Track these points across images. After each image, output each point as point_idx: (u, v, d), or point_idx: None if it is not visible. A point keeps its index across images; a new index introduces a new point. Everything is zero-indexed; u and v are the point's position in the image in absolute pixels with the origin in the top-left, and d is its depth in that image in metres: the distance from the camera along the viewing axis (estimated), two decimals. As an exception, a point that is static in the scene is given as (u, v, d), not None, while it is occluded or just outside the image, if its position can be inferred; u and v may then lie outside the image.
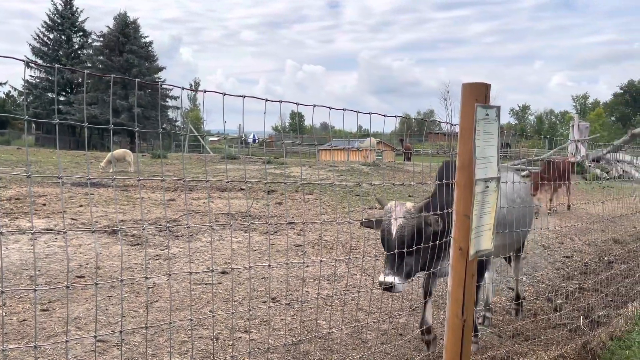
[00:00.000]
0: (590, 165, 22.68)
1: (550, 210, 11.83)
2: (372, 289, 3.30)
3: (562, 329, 4.67)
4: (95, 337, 2.07)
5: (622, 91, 76.73)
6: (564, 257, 7.68)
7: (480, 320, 4.49)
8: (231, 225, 2.61)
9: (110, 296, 4.80)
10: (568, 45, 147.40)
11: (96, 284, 2.05)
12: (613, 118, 75.77)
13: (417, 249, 3.17)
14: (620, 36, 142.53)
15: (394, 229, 3.22)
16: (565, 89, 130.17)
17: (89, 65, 51.48)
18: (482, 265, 3.71)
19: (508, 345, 4.15)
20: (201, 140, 37.94)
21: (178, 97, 53.60)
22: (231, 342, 3.90)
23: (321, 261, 2.84)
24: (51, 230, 7.43)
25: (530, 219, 4.58)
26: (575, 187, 13.41)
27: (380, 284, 3.12)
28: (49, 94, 51.65)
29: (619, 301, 5.28)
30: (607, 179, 19.94)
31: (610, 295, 5.57)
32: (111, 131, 2.00)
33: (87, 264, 5.82)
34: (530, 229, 4.65)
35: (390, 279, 3.11)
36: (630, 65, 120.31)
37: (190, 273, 2.31)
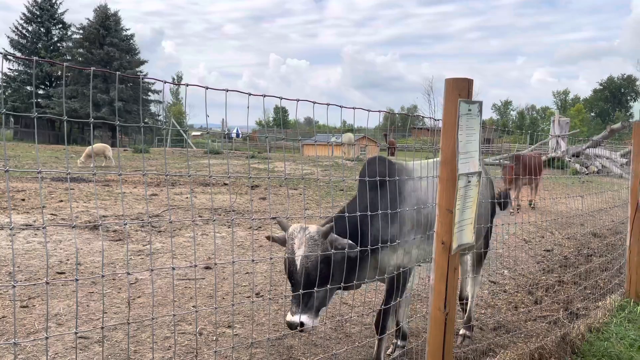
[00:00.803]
0: (570, 160, 23.01)
1: (514, 209, 10.91)
2: (355, 283, 3.30)
3: (542, 321, 4.75)
4: (76, 333, 2.04)
5: (601, 87, 77.96)
6: (545, 250, 7.80)
7: (390, 350, 3.78)
8: (214, 221, 2.60)
9: (92, 292, 4.75)
10: (549, 41, 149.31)
11: (77, 279, 2.02)
12: (593, 114, 76.94)
13: (329, 277, 2.81)
14: (600, 33, 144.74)
15: (297, 261, 2.76)
16: (546, 84, 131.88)
17: (68, 58, 50.61)
18: (404, 278, 3.27)
19: (489, 338, 4.21)
20: (184, 134, 37.64)
21: (160, 91, 53.14)
22: (215, 338, 3.89)
23: (306, 256, 2.84)
24: (30, 225, 7.31)
25: (487, 218, 3.95)
26: (542, 183, 12.68)
27: (289, 325, 2.76)
28: (28, 87, 50.69)
29: (598, 294, 5.38)
30: (587, 174, 20.27)
31: (589, 288, 5.67)
32: (91, 125, 1.97)
33: (68, 259, 5.75)
34: (487, 227, 4.03)
35: (297, 318, 2.72)
36: (609, 62, 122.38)
37: (173, 268, 2.29)
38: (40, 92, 51.85)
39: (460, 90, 2.61)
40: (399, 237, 3.15)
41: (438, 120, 2.81)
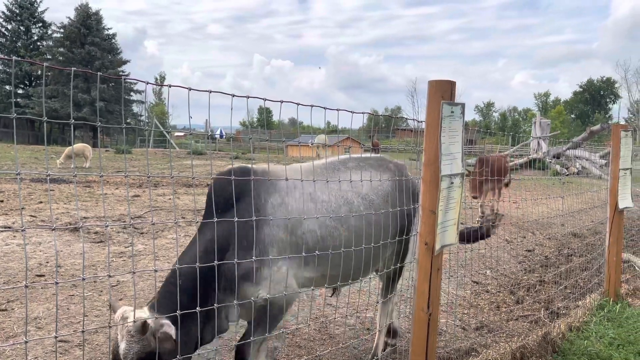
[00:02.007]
0: (551, 162, 23.34)
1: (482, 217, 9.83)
2: (339, 284, 3.31)
3: (524, 320, 4.80)
4: (56, 337, 2.01)
5: (581, 89, 79.20)
6: (526, 250, 7.89)
7: (382, 348, 3.66)
8: (197, 222, 2.57)
9: (72, 295, 4.68)
10: (530, 44, 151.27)
11: (57, 282, 1.99)
12: (573, 115, 78.12)
13: None
14: (579, 36, 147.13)
15: (121, 354, 2.33)
16: (528, 86, 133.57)
17: (48, 57, 49.91)
18: (278, 309, 2.76)
19: (472, 338, 4.24)
20: (167, 135, 37.34)
21: (142, 91, 52.67)
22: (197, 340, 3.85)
23: (289, 257, 2.83)
24: (9, 227, 7.18)
25: (395, 230, 3.29)
26: (506, 188, 11.02)
27: None
28: (7, 87, 49.86)
29: (578, 293, 5.46)
30: (567, 175, 20.57)
31: (569, 288, 5.75)
32: (72, 126, 1.94)
33: (48, 262, 5.66)
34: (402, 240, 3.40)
35: None
36: (589, 64, 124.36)
37: (155, 270, 2.27)
38: (20, 91, 51.02)
39: (443, 92, 2.63)
40: (263, 269, 2.65)
41: (421, 121, 2.83)
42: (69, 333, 3.79)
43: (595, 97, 77.51)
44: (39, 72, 48.87)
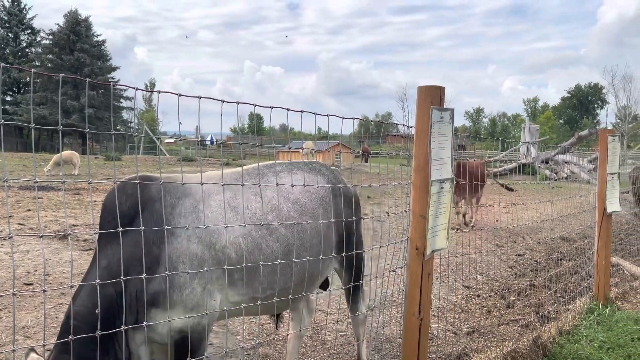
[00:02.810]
0: (540, 166, 23.52)
1: (466, 224, 9.63)
2: (330, 290, 3.30)
3: (515, 325, 4.82)
4: (44, 345, 1.99)
5: (569, 95, 79.95)
6: (516, 255, 7.94)
7: None
8: (187, 228, 2.53)
9: (61, 304, 4.63)
10: (519, 50, 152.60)
11: (45, 290, 1.97)
12: (561, 121, 78.80)
13: None
14: (567, 42, 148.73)
15: None
16: (517, 92, 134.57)
17: (37, 64, 49.56)
18: (197, 340, 2.39)
19: (463, 342, 4.25)
20: (157, 141, 37.18)
21: (132, 98, 52.44)
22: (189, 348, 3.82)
23: (279, 262, 2.82)
24: (-3, 235, 7.10)
25: (336, 240, 3.03)
26: (483, 197, 10.54)
27: None
28: (-5, 94, 49.46)
29: (568, 297, 5.49)
30: (556, 180, 20.73)
31: (559, 292, 5.78)
32: (60, 132, 1.93)
33: (36, 270, 5.59)
34: (334, 257, 3.06)
35: None
36: (576, 70, 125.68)
37: (145, 277, 2.25)
38: (8, 98, 50.58)
39: (432, 97, 2.65)
40: (173, 293, 2.29)
41: (411, 127, 2.84)
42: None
43: (583, 102, 78.28)
44: (28, 78, 48.51)
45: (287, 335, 4.01)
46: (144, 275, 2.10)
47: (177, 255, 2.31)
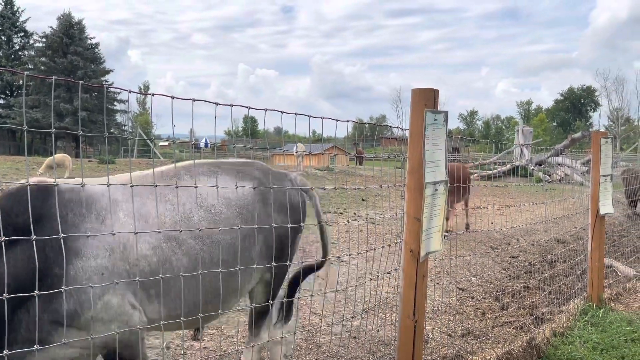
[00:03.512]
0: (533, 169, 23.64)
1: (447, 230, 8.49)
2: (325, 293, 3.30)
3: (509, 326, 4.83)
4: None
5: (562, 98, 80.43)
6: (510, 257, 7.96)
7: None
8: (180, 231, 2.51)
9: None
10: (512, 53, 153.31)
11: (37, 295, 1.95)
12: (554, 123, 79.24)
13: None
14: (560, 45, 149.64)
15: None
16: (510, 95, 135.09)
17: (30, 67, 49.32)
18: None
19: (458, 345, 4.26)
20: (151, 144, 37.08)
21: (126, 101, 52.25)
22: (183, 351, 3.81)
23: (274, 265, 2.82)
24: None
25: (261, 252, 2.77)
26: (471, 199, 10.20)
27: None
28: (-13, 97, 49.19)
29: (562, 298, 5.51)
30: (550, 182, 20.83)
31: (553, 293, 5.80)
32: (53, 135, 1.92)
33: (29, 274, 5.56)
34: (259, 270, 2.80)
35: None
36: (569, 73, 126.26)
37: (138, 280, 2.24)
38: (0, 101, 50.31)
39: (426, 100, 2.66)
40: (83, 310, 2.14)
41: (406, 129, 2.85)
42: (54, 345, 3.72)
43: (576, 105, 78.76)
44: (20, 81, 48.30)
45: (281, 337, 4.01)
46: (36, 292, 1.87)
47: (84, 271, 2.13)
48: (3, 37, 51.90)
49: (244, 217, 2.68)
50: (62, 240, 1.94)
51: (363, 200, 11.95)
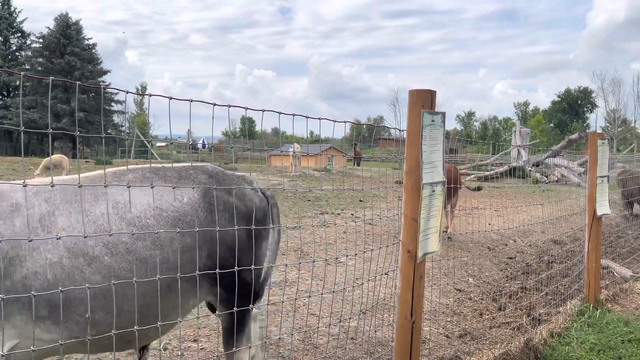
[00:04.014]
0: (531, 170, 23.68)
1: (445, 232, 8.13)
2: (322, 294, 3.29)
3: (507, 327, 4.84)
4: (33, 350, 1.97)
5: (559, 99, 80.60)
6: (508, 258, 7.97)
7: None
8: (177, 232, 2.50)
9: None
10: (509, 54, 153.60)
11: (33, 295, 1.95)
12: (552, 124, 79.41)
13: None
14: (557, 47, 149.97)
15: None
16: (508, 96, 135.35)
17: (27, 67, 49.21)
18: None
19: (456, 345, 4.26)
20: (148, 145, 37.03)
21: (123, 102, 52.06)
22: (180, 352, 3.81)
23: (271, 266, 2.82)
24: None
25: (213, 267, 2.43)
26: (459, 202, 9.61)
27: None
28: (-16, 97, 49.06)
29: (559, 299, 5.52)
30: (547, 183, 20.87)
31: (550, 294, 5.81)
32: (50, 136, 1.92)
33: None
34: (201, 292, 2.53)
35: None
36: (566, 75, 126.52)
37: (136, 281, 2.24)
38: (-3, 102, 50.23)
39: (423, 101, 2.66)
40: None
41: (403, 130, 2.85)
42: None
43: (573, 106, 78.93)
44: (17, 82, 48.19)
45: (279, 338, 4.00)
46: None
47: None
48: (0, 38, 51.80)
49: (182, 229, 2.38)
50: None
51: (361, 201, 11.96)
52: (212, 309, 2.87)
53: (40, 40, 50.17)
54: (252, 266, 2.56)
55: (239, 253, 2.51)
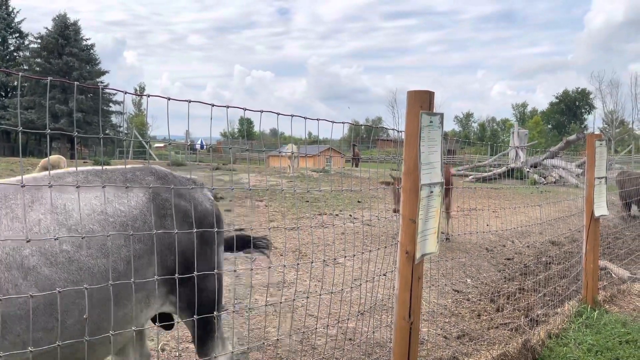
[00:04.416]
0: (529, 171, 23.72)
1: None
2: (320, 295, 3.29)
3: (504, 328, 4.84)
4: (31, 351, 1.96)
5: (557, 100, 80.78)
6: (506, 259, 7.98)
7: None
8: (176, 232, 2.49)
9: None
10: (508, 55, 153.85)
11: (31, 295, 1.94)
12: (550, 126, 79.57)
13: None
14: (555, 48, 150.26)
15: None
16: (506, 97, 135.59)
17: (25, 67, 49.16)
18: None
19: (454, 346, 4.26)
20: (146, 146, 37.01)
21: (122, 102, 52.03)
22: (177, 353, 3.80)
23: (270, 267, 2.82)
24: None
25: (168, 273, 2.31)
26: (455, 203, 9.46)
27: None
28: (-18, 98, 48.98)
29: (556, 300, 5.52)
30: (545, 184, 20.90)
31: (548, 295, 5.82)
32: (48, 137, 1.91)
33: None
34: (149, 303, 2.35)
35: None
36: (564, 76, 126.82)
37: (134, 282, 2.23)
38: (-5, 102, 50.14)
39: (422, 102, 2.66)
40: None
41: (401, 131, 2.86)
42: (42, 348, 3.70)
43: (571, 107, 79.10)
44: (15, 82, 48.12)
45: (277, 339, 4.00)
46: None
47: None
48: (-2, 38, 51.74)
49: (131, 236, 2.22)
50: None
51: (359, 202, 11.96)
52: (164, 320, 2.64)
53: (39, 40, 50.12)
54: (215, 271, 2.45)
55: (192, 259, 2.36)
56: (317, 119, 2.76)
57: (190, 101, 2.20)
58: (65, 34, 49.20)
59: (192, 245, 2.36)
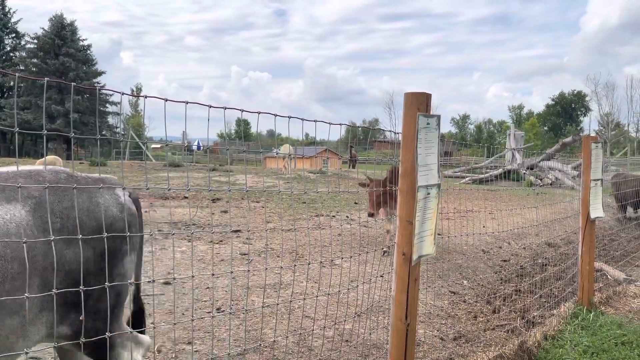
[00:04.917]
0: (525, 173, 23.77)
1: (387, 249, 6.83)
2: (317, 296, 3.29)
3: (501, 330, 4.85)
4: (26, 352, 1.96)
5: (553, 102, 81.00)
6: (502, 260, 7.99)
7: None
8: (173, 234, 2.49)
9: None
10: (504, 58, 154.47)
11: (27, 297, 1.94)
12: (546, 128, 79.77)
13: None
14: (550, 50, 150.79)
15: None
16: (502, 99, 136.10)
17: (22, 68, 49.01)
18: None
19: (450, 348, 4.27)
20: (143, 147, 36.94)
21: (118, 103, 52.03)
22: (174, 354, 3.79)
23: (267, 269, 2.82)
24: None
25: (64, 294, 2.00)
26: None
27: None
28: (-22, 98, 48.78)
29: (552, 302, 5.53)
30: (541, 186, 20.96)
31: (544, 297, 5.83)
32: (44, 137, 1.91)
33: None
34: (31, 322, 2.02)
35: None
36: (560, 78, 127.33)
37: (131, 284, 2.23)
38: (-9, 103, 49.96)
39: (419, 104, 2.67)
40: None
41: (398, 133, 2.86)
42: (39, 349, 3.69)
43: (567, 109, 79.33)
44: (12, 83, 47.97)
45: (273, 341, 4.00)
46: None
47: None
48: (-6, 38, 51.57)
49: (9, 255, 1.92)
50: None
51: (356, 203, 11.96)
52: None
53: (35, 41, 50.00)
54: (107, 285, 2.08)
55: (88, 278, 2.08)
56: (314, 121, 2.76)
57: (187, 102, 2.20)
58: (61, 35, 49.10)
59: (87, 261, 2.07)
